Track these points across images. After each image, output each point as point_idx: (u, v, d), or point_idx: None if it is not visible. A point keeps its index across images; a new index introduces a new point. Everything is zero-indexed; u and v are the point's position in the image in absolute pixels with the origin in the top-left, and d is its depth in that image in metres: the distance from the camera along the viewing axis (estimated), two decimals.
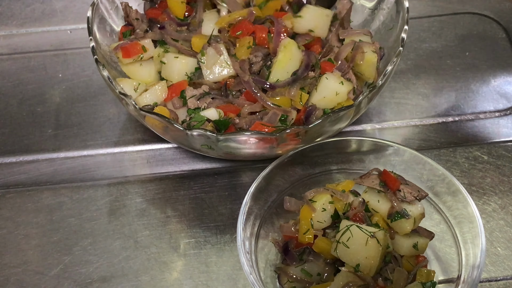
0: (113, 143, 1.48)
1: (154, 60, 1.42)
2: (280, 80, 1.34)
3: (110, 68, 1.39)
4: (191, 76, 1.39)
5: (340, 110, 1.25)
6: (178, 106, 1.35)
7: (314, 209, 1.19)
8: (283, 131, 1.22)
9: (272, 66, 1.35)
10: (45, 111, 1.54)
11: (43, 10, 1.73)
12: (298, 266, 1.18)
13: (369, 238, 1.11)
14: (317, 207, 1.19)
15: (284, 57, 1.35)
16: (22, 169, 1.45)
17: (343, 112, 1.25)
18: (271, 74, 1.35)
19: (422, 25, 1.66)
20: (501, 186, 1.38)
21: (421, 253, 1.19)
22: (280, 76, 1.34)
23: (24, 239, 1.34)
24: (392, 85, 1.55)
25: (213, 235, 1.33)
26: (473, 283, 1.13)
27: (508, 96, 1.54)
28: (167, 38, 1.41)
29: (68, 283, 1.28)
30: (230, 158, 1.40)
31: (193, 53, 1.39)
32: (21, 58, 1.64)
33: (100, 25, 1.43)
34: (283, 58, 1.35)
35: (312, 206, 1.20)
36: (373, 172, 1.25)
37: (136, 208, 1.37)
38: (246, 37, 1.38)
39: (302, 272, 1.18)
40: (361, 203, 1.19)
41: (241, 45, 1.37)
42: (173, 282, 1.28)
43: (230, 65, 1.36)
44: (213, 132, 1.22)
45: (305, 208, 1.20)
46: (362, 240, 1.11)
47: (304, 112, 1.33)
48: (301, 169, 1.30)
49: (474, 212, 1.18)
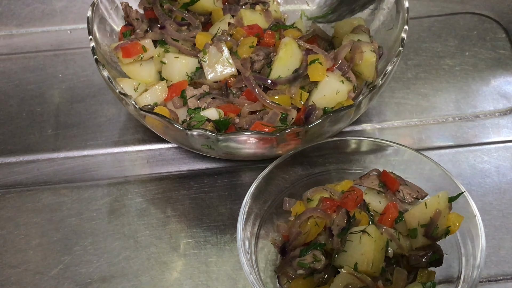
0: (113, 143, 1.48)
1: (154, 60, 1.42)
2: (281, 76, 1.34)
3: (110, 68, 1.39)
4: (191, 76, 1.39)
5: (340, 110, 1.25)
6: (178, 106, 1.35)
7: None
8: (283, 131, 1.22)
9: (273, 63, 1.35)
10: (45, 111, 1.54)
11: (43, 10, 1.73)
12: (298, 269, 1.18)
13: (361, 235, 1.11)
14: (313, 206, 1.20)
15: (285, 54, 1.35)
16: (22, 169, 1.45)
17: (343, 112, 1.25)
18: (272, 71, 1.35)
19: (422, 25, 1.66)
20: (501, 186, 1.38)
21: None
22: (281, 72, 1.35)
23: (24, 239, 1.34)
24: (392, 85, 1.55)
25: (213, 235, 1.33)
26: (473, 283, 1.13)
27: (508, 96, 1.54)
28: (168, 38, 1.41)
29: (68, 283, 1.28)
30: (230, 158, 1.40)
31: (193, 53, 1.39)
32: (21, 58, 1.64)
33: (100, 25, 1.43)
34: (284, 55, 1.35)
35: (307, 204, 1.20)
36: (373, 173, 1.25)
37: (136, 208, 1.37)
38: (250, 37, 1.38)
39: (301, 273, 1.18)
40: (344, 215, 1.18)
41: (243, 44, 1.38)
42: (173, 282, 1.28)
43: (232, 64, 1.36)
44: (213, 132, 1.22)
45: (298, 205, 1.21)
46: (356, 240, 1.12)
47: (304, 112, 1.33)
48: (301, 169, 1.30)
49: (474, 212, 1.18)
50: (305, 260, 1.15)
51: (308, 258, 1.15)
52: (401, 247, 1.15)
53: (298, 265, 1.15)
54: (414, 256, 1.15)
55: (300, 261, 1.15)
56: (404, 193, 1.22)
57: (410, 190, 1.22)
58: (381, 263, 1.13)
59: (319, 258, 1.14)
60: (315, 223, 1.16)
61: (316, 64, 1.33)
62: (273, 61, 1.36)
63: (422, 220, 1.14)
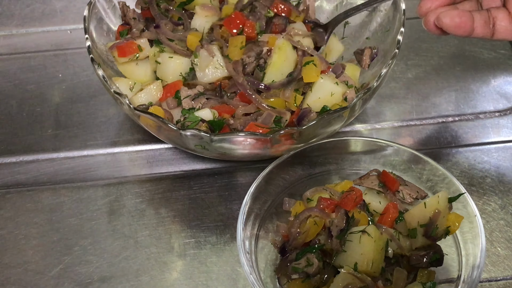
0: (113, 143, 1.48)
1: (150, 60, 1.42)
2: (275, 81, 1.34)
3: (107, 67, 1.39)
4: (185, 76, 1.39)
5: (333, 112, 1.24)
6: (172, 106, 1.35)
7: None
8: (276, 133, 1.22)
9: (266, 67, 1.35)
10: (45, 111, 1.54)
11: (43, 10, 1.73)
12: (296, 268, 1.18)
13: (361, 235, 1.11)
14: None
15: (279, 59, 1.35)
16: (22, 169, 1.45)
17: (337, 114, 1.25)
18: (265, 76, 1.35)
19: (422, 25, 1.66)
20: (501, 186, 1.38)
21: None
22: (275, 77, 1.35)
23: (24, 239, 1.34)
24: (392, 85, 1.55)
25: (213, 235, 1.33)
26: (473, 283, 1.13)
27: (508, 96, 1.54)
28: (162, 37, 1.41)
29: (68, 283, 1.28)
30: (224, 159, 1.40)
31: (187, 53, 1.39)
32: (21, 58, 1.64)
33: (97, 25, 1.43)
34: (278, 59, 1.35)
35: (307, 204, 1.20)
36: (372, 173, 1.25)
37: (136, 208, 1.37)
38: (238, 37, 1.38)
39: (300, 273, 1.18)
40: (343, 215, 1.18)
41: (233, 45, 1.37)
42: (173, 282, 1.28)
43: (224, 67, 1.36)
44: (207, 133, 1.22)
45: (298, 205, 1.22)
46: (355, 240, 1.12)
47: (297, 114, 1.33)
48: (301, 169, 1.30)
49: (474, 212, 1.18)
50: (299, 264, 1.15)
51: (302, 262, 1.15)
52: (401, 247, 1.15)
53: (292, 269, 1.15)
54: (415, 256, 1.15)
55: (295, 266, 1.15)
56: (404, 193, 1.22)
57: (410, 190, 1.22)
58: (381, 263, 1.13)
59: (312, 262, 1.14)
60: (314, 222, 1.16)
61: (311, 65, 1.33)
62: (267, 65, 1.35)
63: (421, 220, 1.14)
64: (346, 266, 1.11)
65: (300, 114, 1.32)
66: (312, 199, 1.22)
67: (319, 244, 1.16)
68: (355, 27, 1.50)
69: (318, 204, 1.19)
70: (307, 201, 1.23)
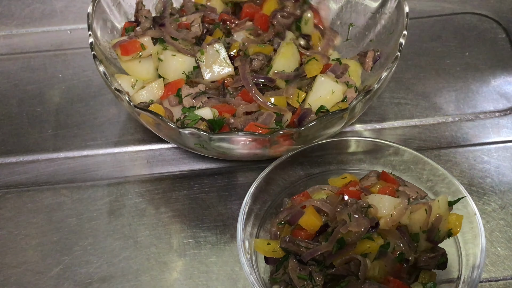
0: (113, 143, 1.48)
1: (153, 58, 1.42)
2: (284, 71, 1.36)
3: (109, 64, 1.39)
4: (189, 74, 1.39)
5: (333, 113, 1.24)
6: (174, 104, 1.35)
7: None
8: (275, 133, 1.22)
9: (273, 60, 1.36)
10: (45, 111, 1.54)
11: (43, 10, 1.73)
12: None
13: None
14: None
15: (286, 52, 1.36)
16: (22, 169, 1.45)
17: (337, 115, 1.25)
18: (272, 68, 1.35)
19: (422, 25, 1.66)
20: (501, 186, 1.38)
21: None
22: (281, 70, 1.36)
23: (24, 239, 1.34)
24: (392, 85, 1.55)
25: (213, 235, 1.33)
26: (473, 283, 1.13)
27: (508, 96, 1.54)
28: (166, 36, 1.41)
29: (68, 283, 1.28)
30: (224, 158, 1.40)
31: (191, 52, 1.39)
32: (21, 58, 1.64)
33: (101, 21, 1.43)
34: (286, 52, 1.36)
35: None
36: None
37: (136, 208, 1.37)
38: (255, 45, 1.40)
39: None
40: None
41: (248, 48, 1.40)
42: (173, 282, 1.28)
43: (230, 64, 1.37)
44: (205, 131, 1.22)
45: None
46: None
47: (298, 114, 1.33)
48: (301, 169, 1.30)
49: (474, 212, 1.19)
50: (278, 275, 1.15)
51: (280, 272, 1.15)
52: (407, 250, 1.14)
53: (271, 281, 1.16)
54: (424, 258, 1.14)
55: (273, 277, 1.16)
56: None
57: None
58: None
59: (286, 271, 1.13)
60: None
61: (313, 61, 1.35)
62: (274, 58, 1.36)
63: (423, 226, 1.14)
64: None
65: (301, 115, 1.32)
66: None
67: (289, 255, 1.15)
68: (359, 29, 1.51)
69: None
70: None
